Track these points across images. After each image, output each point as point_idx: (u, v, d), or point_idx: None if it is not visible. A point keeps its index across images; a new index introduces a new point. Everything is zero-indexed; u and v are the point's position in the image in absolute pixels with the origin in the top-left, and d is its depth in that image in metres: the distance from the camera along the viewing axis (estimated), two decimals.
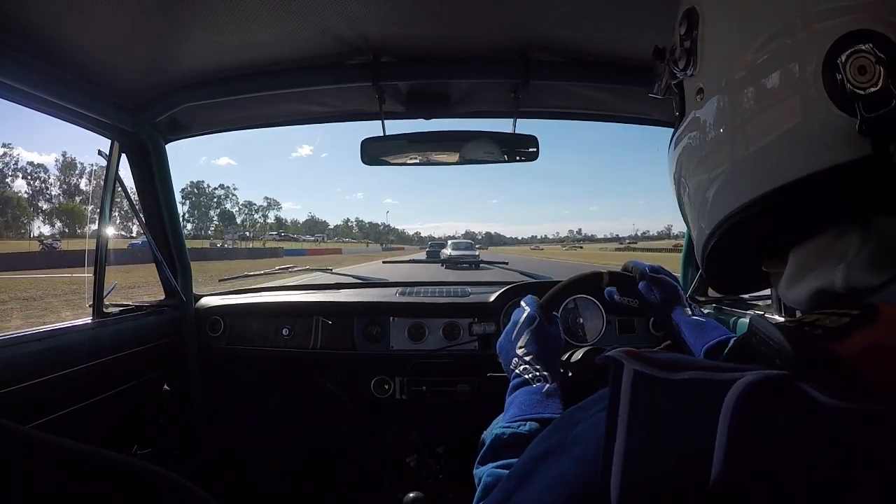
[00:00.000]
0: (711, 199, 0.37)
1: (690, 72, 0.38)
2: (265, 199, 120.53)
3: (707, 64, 0.36)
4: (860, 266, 0.29)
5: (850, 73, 0.27)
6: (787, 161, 0.30)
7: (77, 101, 0.99)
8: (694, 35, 0.37)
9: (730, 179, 0.34)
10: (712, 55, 0.36)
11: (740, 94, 0.33)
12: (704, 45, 0.36)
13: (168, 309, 1.37)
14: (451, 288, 1.56)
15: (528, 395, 0.57)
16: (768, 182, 0.31)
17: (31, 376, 0.89)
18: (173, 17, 0.82)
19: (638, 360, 0.26)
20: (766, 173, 0.31)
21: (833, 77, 0.28)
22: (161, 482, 0.29)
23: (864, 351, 0.23)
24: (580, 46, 0.99)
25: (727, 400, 0.22)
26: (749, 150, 0.32)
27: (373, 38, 0.95)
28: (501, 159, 1.25)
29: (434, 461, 1.45)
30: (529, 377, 0.59)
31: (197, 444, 1.45)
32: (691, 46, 0.37)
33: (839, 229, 0.30)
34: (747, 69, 0.32)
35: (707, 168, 0.37)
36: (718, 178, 0.35)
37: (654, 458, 0.23)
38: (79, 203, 70.88)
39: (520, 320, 0.66)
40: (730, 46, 0.34)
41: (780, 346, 0.25)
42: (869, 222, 0.29)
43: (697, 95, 0.37)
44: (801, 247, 0.33)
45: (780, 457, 0.20)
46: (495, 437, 0.52)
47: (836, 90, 0.27)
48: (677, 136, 0.41)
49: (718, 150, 0.35)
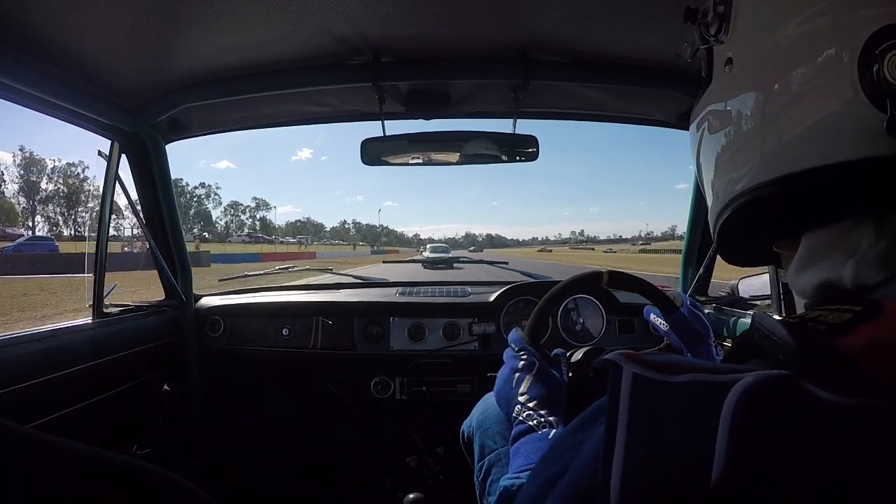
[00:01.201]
0: (730, 172, 0.36)
1: (722, 38, 0.36)
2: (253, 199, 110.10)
3: (740, 33, 0.34)
4: (871, 262, 0.28)
5: (888, 68, 0.26)
6: (813, 147, 0.29)
7: (77, 101, 0.99)
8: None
9: (751, 156, 0.33)
10: (746, 24, 0.34)
11: (771, 71, 0.31)
12: (739, 11, 0.34)
13: (168, 309, 1.37)
14: (451, 288, 1.56)
15: (534, 443, 0.55)
16: (790, 165, 0.30)
17: (31, 376, 0.89)
18: (173, 17, 0.82)
19: (637, 362, 0.26)
20: (789, 156, 0.31)
21: (870, 69, 0.26)
22: (161, 482, 0.29)
23: (867, 346, 0.23)
24: (580, 46, 0.99)
25: (727, 402, 0.22)
26: (774, 131, 0.31)
27: (373, 38, 0.95)
28: (501, 159, 1.25)
29: (434, 461, 1.45)
30: (534, 423, 0.56)
31: (197, 444, 1.45)
32: (725, 11, 0.35)
33: (854, 221, 0.30)
34: (782, 46, 0.31)
35: (730, 142, 0.35)
36: (740, 153, 0.34)
37: (654, 460, 0.23)
38: (9, 199, 68.65)
39: (517, 367, 0.63)
40: (766, 18, 0.32)
41: (784, 342, 0.25)
42: (885, 218, 0.29)
43: (726, 66, 0.35)
44: (814, 233, 0.32)
45: (782, 457, 0.20)
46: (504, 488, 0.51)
47: (871, 83, 0.26)
48: (701, 103, 0.39)
49: (742, 126, 0.34)
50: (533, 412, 0.58)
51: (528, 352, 0.64)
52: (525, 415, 0.58)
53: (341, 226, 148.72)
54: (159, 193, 1.30)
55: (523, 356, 0.64)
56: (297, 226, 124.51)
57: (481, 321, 1.39)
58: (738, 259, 0.43)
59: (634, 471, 0.23)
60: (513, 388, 0.61)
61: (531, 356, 0.64)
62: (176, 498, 0.30)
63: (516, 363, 0.64)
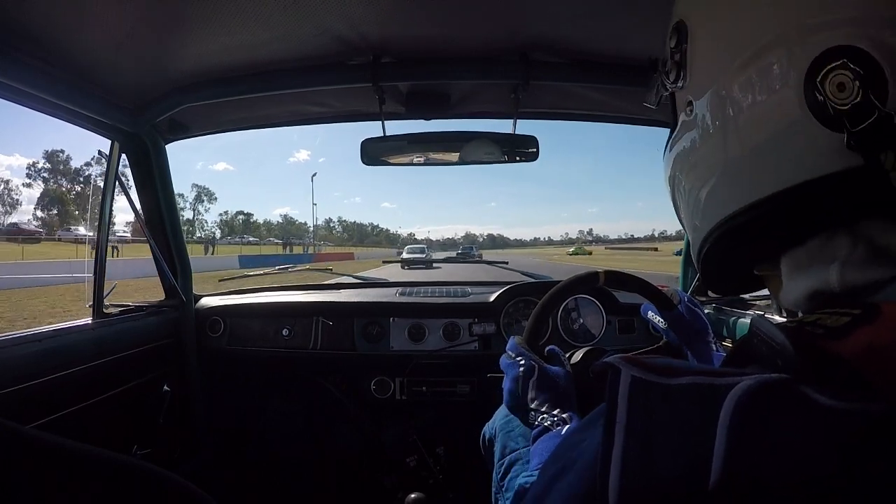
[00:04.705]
0: (702, 206, 0.37)
1: (681, 84, 0.38)
2: (193, 187, 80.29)
3: (695, 78, 0.37)
4: (854, 264, 0.29)
5: (830, 91, 0.27)
6: (774, 173, 0.31)
7: (77, 101, 0.99)
8: (683, 48, 0.37)
9: (718, 189, 0.35)
10: (700, 70, 0.36)
11: (726, 109, 0.33)
12: (693, 59, 0.37)
13: (168, 309, 1.37)
14: (450, 288, 1.56)
15: (549, 440, 0.56)
16: (756, 192, 0.32)
17: (31, 377, 0.89)
18: (173, 17, 0.83)
19: (635, 365, 0.26)
20: (753, 184, 0.32)
21: (814, 95, 0.28)
22: (161, 482, 0.29)
23: (865, 350, 0.23)
24: (580, 47, 0.99)
25: (725, 405, 0.22)
26: (736, 163, 0.33)
27: (373, 38, 0.95)
28: (501, 159, 1.25)
29: (434, 461, 1.45)
30: (549, 424, 0.58)
31: (197, 444, 1.45)
32: (681, 59, 0.38)
33: (828, 233, 0.30)
34: (732, 86, 0.33)
35: (697, 177, 0.37)
36: (708, 187, 0.36)
37: (652, 463, 0.23)
38: None
39: (518, 375, 0.63)
40: (715, 62, 0.34)
41: (782, 347, 0.25)
42: (858, 226, 0.29)
43: (687, 107, 0.38)
44: (792, 251, 0.33)
45: (780, 460, 0.20)
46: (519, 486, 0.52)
47: (819, 108, 0.28)
48: (671, 143, 0.42)
49: (707, 161, 0.36)
50: (546, 414, 0.59)
51: (524, 356, 0.65)
52: (540, 418, 0.59)
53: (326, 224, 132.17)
54: (159, 193, 1.30)
55: (521, 361, 0.64)
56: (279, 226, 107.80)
57: (481, 321, 1.39)
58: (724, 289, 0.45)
59: (632, 473, 0.23)
60: (521, 398, 0.62)
61: (528, 359, 0.64)
62: (176, 498, 0.30)
63: (516, 370, 0.64)
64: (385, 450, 1.53)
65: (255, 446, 1.59)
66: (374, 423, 1.54)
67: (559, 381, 0.62)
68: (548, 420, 0.58)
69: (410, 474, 1.45)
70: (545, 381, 0.62)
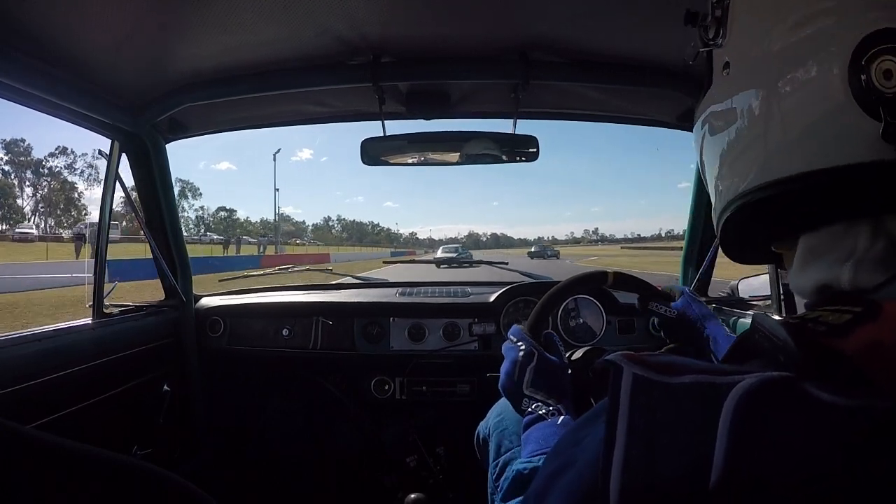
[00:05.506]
0: (730, 173, 0.36)
1: (720, 42, 0.36)
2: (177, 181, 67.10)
3: (736, 38, 0.35)
4: (868, 264, 0.28)
5: (875, 76, 0.26)
6: (807, 151, 0.29)
7: (77, 101, 0.99)
8: (725, 4, 0.35)
9: (749, 158, 0.33)
10: (742, 29, 0.34)
11: (766, 76, 0.31)
12: (735, 16, 0.35)
13: (168, 309, 1.37)
14: (450, 288, 1.56)
15: (544, 429, 0.56)
16: (785, 168, 0.30)
17: (31, 376, 0.89)
18: (173, 17, 0.83)
19: (637, 363, 0.26)
20: (784, 159, 0.31)
21: (858, 77, 0.26)
22: (161, 482, 0.29)
23: (867, 347, 0.23)
24: (580, 46, 0.99)
25: (727, 403, 0.22)
26: (770, 135, 0.31)
27: (373, 38, 0.95)
28: (502, 159, 1.25)
29: (434, 461, 1.45)
30: (543, 412, 0.58)
31: (197, 444, 1.45)
32: (722, 15, 0.35)
33: (850, 223, 0.30)
34: (776, 51, 0.31)
35: (729, 144, 0.36)
36: (739, 155, 0.35)
37: (654, 461, 0.23)
38: None
39: (517, 359, 0.63)
40: (760, 23, 0.32)
41: (784, 343, 0.25)
42: (880, 221, 0.29)
43: (724, 69, 0.36)
44: (811, 234, 0.33)
45: (782, 458, 0.20)
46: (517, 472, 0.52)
47: (861, 90, 0.26)
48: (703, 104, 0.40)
49: (741, 129, 0.34)
50: (541, 403, 0.59)
51: (525, 341, 0.65)
52: (534, 406, 0.59)
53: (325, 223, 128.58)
54: (159, 193, 1.30)
55: (521, 346, 0.65)
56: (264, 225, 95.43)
57: (481, 321, 1.39)
58: (741, 257, 0.44)
59: (634, 472, 0.23)
60: (517, 382, 0.62)
61: (529, 345, 0.64)
62: (176, 498, 0.30)
63: (516, 354, 0.64)
64: (385, 449, 1.53)
65: (256, 446, 1.59)
66: (374, 423, 1.54)
67: (557, 371, 0.63)
68: (542, 408, 0.58)
69: (410, 474, 1.45)
70: (543, 368, 0.62)
